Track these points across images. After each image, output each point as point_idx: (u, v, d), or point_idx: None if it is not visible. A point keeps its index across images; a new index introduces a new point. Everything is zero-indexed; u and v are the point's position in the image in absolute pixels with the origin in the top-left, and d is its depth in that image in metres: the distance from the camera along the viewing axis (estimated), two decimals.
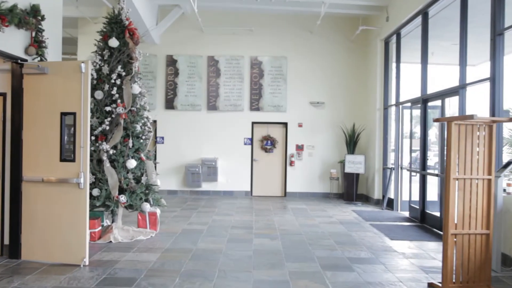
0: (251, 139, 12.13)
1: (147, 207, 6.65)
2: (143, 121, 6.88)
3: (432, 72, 8.57)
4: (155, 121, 12.09)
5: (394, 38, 10.36)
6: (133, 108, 6.74)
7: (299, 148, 12.12)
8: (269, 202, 11.12)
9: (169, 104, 12.05)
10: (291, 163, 12.08)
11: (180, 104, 12.05)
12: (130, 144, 6.59)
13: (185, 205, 10.26)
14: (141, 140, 6.80)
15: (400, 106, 10.02)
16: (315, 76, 12.16)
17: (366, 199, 11.75)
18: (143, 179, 6.68)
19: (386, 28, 10.41)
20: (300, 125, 12.13)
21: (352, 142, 11.70)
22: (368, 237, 7.19)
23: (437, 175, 7.76)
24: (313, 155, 12.14)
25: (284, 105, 12.08)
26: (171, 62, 12.09)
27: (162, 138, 12.09)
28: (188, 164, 11.81)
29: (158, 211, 7.15)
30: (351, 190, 11.38)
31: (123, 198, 6.38)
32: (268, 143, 12.18)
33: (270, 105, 12.09)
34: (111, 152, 6.42)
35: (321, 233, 7.38)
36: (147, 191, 6.76)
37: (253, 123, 12.16)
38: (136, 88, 6.67)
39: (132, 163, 6.51)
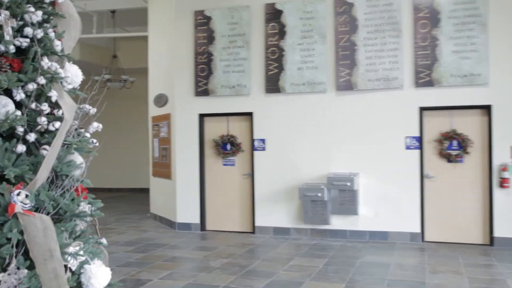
0: (420, 139, 6.65)
1: None
2: (33, 87, 2.05)
3: None
4: (250, 114, 7.39)
5: None
6: None
7: None
8: (460, 263, 5.53)
9: (272, 84, 7.24)
10: (503, 183, 6.26)
11: (289, 84, 7.15)
12: None
13: (283, 270, 5.23)
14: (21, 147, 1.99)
15: None
16: None
17: None
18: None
19: None
20: None
21: None
22: None
23: None
24: None
25: (484, 73, 6.36)
26: (273, 14, 7.29)
27: (263, 141, 7.32)
28: (304, 185, 6.82)
29: None
30: None
31: None
32: (452, 146, 6.55)
33: (455, 75, 6.47)
34: None
35: None
36: None
37: (421, 109, 6.67)
38: None
39: None
